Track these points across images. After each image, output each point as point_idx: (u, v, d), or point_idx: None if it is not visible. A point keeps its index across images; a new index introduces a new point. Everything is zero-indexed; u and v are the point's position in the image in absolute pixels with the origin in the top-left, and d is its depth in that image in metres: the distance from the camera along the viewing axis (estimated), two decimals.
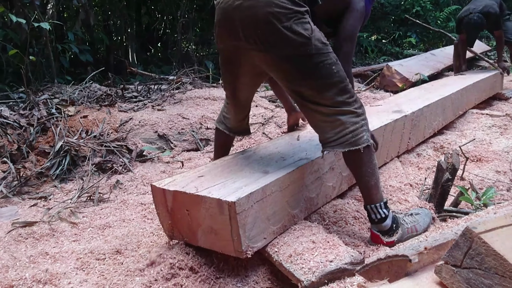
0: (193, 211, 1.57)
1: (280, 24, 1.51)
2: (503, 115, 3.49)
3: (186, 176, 1.76)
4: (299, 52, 1.54)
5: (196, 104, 3.62)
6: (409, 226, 1.71)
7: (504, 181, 2.52)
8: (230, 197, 1.45)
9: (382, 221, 1.65)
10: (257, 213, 1.53)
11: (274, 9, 1.50)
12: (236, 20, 1.57)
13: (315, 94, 1.60)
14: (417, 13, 9.06)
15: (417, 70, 5.67)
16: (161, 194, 1.66)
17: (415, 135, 2.79)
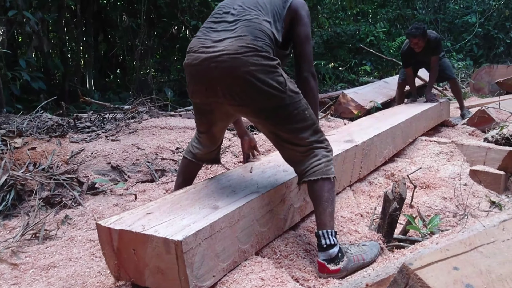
0: (140, 251, 1.53)
1: (257, 81, 1.65)
2: (449, 142, 3.66)
3: (134, 213, 1.72)
4: (275, 103, 1.70)
5: (152, 133, 3.58)
6: (354, 255, 1.77)
7: (450, 207, 2.62)
8: (176, 236, 1.43)
9: (330, 248, 1.71)
10: (206, 250, 1.51)
11: (250, 68, 1.63)
12: (214, 80, 1.68)
13: (291, 136, 1.78)
14: (371, 43, 9.51)
15: (372, 98, 5.90)
16: (107, 233, 1.60)
17: (366, 164, 2.87)
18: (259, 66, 1.64)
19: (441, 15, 12.00)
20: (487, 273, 1.11)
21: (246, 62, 1.62)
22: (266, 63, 1.66)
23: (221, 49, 1.65)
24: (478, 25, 11.11)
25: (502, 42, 11.13)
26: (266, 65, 1.66)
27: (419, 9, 12.36)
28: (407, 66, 4.88)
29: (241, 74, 1.63)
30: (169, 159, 3.27)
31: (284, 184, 1.99)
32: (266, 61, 1.66)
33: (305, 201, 2.15)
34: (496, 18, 11.50)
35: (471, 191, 2.89)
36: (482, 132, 4.55)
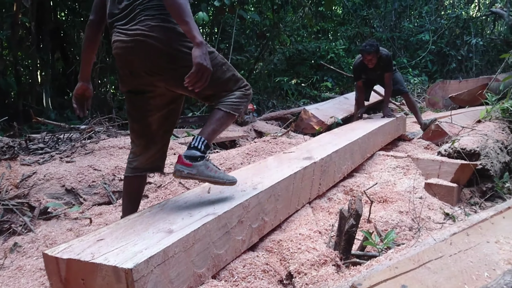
0: (89, 280, 1.46)
1: (172, 50, 1.83)
2: (405, 156, 3.78)
3: (84, 240, 1.65)
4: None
5: (109, 154, 3.48)
6: (212, 168, 1.95)
7: (406, 221, 2.69)
8: (127, 264, 1.38)
9: (195, 149, 1.91)
10: (158, 277, 1.47)
11: (162, 43, 1.82)
12: (135, 61, 1.87)
13: (216, 92, 1.99)
14: (332, 59, 9.79)
15: (332, 113, 6.04)
16: (54, 263, 1.53)
17: (325, 180, 2.91)
18: (168, 37, 1.84)
19: (397, 33, 12.55)
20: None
21: (156, 38, 1.82)
22: (172, 34, 1.85)
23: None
24: (431, 42, 11.69)
25: (454, 59, 11.74)
26: (177, 34, 1.85)
27: (377, 27, 12.87)
28: (358, 80, 5.08)
29: (157, 50, 1.84)
30: None
31: (241, 205, 1.97)
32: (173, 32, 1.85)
33: (264, 221, 2.15)
34: (448, 36, 12.14)
35: (426, 204, 2.97)
36: (436, 145, 4.73)
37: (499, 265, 1.45)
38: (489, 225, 1.81)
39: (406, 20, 13.32)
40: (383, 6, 13.42)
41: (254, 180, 2.35)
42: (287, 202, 2.40)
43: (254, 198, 2.09)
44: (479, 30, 12.75)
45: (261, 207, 2.14)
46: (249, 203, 2.04)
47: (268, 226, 2.19)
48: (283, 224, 2.36)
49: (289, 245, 2.03)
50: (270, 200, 2.23)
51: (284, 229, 2.31)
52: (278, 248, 2.04)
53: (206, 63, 1.75)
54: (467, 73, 11.46)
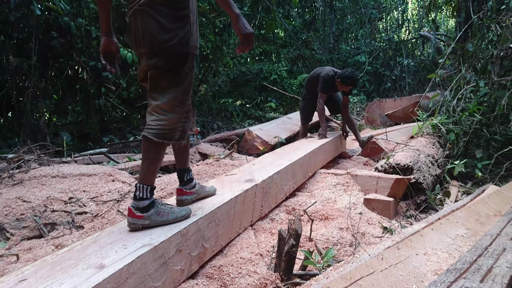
0: None
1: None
2: (345, 173, 3.90)
3: (4, 281, 1.52)
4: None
5: (41, 184, 3.27)
6: (162, 211, 2.02)
7: (347, 237, 2.75)
8: None
9: (142, 200, 1.98)
10: None
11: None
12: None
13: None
14: (275, 81, 10.01)
15: (276, 133, 6.14)
16: None
17: (267, 202, 2.92)
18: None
19: (335, 55, 13.16)
20: None
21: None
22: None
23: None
24: (367, 63, 12.37)
25: (389, 79, 12.48)
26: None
27: (317, 49, 13.42)
28: (325, 92, 5.05)
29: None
30: (61, 210, 3.00)
31: (179, 233, 1.92)
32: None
33: (204, 248, 2.10)
34: (382, 58, 12.91)
35: (366, 219, 3.07)
36: (374, 161, 4.95)
37: (427, 276, 1.52)
38: (418, 238, 1.90)
39: (344, 42, 14.03)
40: (321, 29, 14.07)
41: (194, 206, 2.30)
42: (228, 227, 2.38)
43: (193, 225, 2.04)
44: (410, 51, 13.72)
45: (201, 233, 2.10)
46: (188, 230, 1.99)
47: (208, 252, 2.15)
48: (224, 248, 2.32)
49: (230, 270, 2.00)
50: (210, 225, 2.19)
51: (225, 253, 2.27)
52: (218, 274, 2.00)
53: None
54: (401, 91, 12.21)
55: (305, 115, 5.53)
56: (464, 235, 2.12)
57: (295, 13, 13.34)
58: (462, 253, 1.82)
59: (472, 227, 2.27)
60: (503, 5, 5.29)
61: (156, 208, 2.01)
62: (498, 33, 5.36)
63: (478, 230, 2.25)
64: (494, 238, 1.90)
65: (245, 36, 2.09)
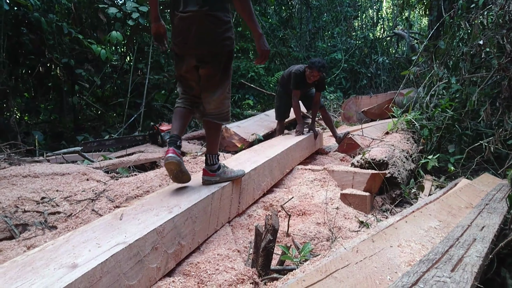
0: None
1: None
2: (322, 169, 3.94)
3: None
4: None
5: (11, 183, 3.17)
6: (228, 171, 2.77)
7: (324, 232, 2.78)
8: None
9: (212, 165, 2.68)
10: None
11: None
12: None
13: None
14: (252, 78, 10.00)
15: (254, 131, 6.14)
16: None
17: (244, 198, 2.92)
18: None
19: (312, 53, 13.26)
20: None
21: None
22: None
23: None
24: (344, 61, 12.51)
25: (365, 76, 12.66)
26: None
27: (294, 47, 13.48)
28: (298, 89, 5.04)
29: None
30: (33, 211, 2.91)
31: (155, 230, 1.89)
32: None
33: (181, 245, 2.08)
34: (358, 55, 13.09)
35: (342, 214, 3.11)
36: (351, 157, 5.01)
37: (400, 267, 1.54)
38: (393, 230, 1.93)
39: (320, 40, 14.14)
40: (298, 27, 14.14)
41: (170, 203, 2.27)
42: (205, 224, 2.36)
43: (169, 222, 2.02)
44: (385, 49, 13.95)
45: (177, 231, 2.08)
46: (164, 228, 1.96)
47: (185, 250, 2.13)
48: (201, 246, 2.31)
49: (207, 267, 1.99)
50: (187, 222, 2.17)
51: (202, 250, 2.26)
52: (196, 271, 1.98)
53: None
54: (377, 88, 12.41)
55: (280, 112, 5.54)
56: (437, 227, 2.17)
57: (271, 10, 13.35)
58: (435, 244, 1.86)
59: (444, 219, 2.33)
60: (472, 3, 5.44)
61: (223, 169, 2.72)
62: (468, 31, 5.52)
63: (450, 222, 2.31)
64: (465, 229, 1.95)
65: (263, 52, 2.59)
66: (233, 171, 2.79)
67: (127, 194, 3.16)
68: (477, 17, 5.12)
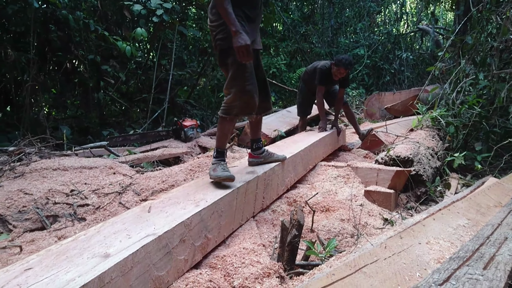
0: None
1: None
2: (346, 165, 3.91)
3: (10, 270, 1.52)
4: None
5: (42, 176, 3.27)
6: (271, 153, 3.14)
7: (348, 228, 2.77)
8: None
9: (258, 149, 3.10)
10: None
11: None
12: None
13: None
14: (274, 74, 9.98)
15: (276, 127, 6.14)
16: None
17: (269, 194, 2.93)
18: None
19: (334, 49, 13.12)
20: None
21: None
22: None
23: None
24: (366, 57, 12.34)
25: (388, 72, 12.46)
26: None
27: (315, 43, 13.38)
28: (322, 85, 5.03)
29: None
30: (63, 203, 3.00)
31: (183, 223, 1.93)
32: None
33: (207, 238, 2.11)
34: (381, 51, 12.88)
35: (367, 211, 3.09)
36: (374, 154, 4.96)
37: (430, 264, 1.53)
38: (420, 228, 1.91)
39: (342, 36, 13.98)
40: (320, 23, 14.01)
41: (196, 197, 2.31)
42: (230, 218, 2.39)
43: (196, 215, 2.05)
44: (409, 45, 13.69)
45: (204, 224, 2.11)
46: (191, 221, 2.00)
47: (211, 243, 2.16)
48: (227, 239, 2.33)
49: (233, 260, 2.01)
50: (213, 216, 2.20)
51: (228, 244, 2.28)
52: (222, 264, 2.01)
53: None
54: (400, 85, 12.20)
55: (302, 109, 5.52)
56: (466, 225, 2.13)
57: (293, 6, 13.27)
58: (464, 242, 1.84)
59: (473, 218, 2.29)
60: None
61: (266, 152, 3.10)
62: (497, 26, 5.36)
63: (479, 221, 2.26)
64: (495, 228, 1.91)
65: (237, 48, 2.50)
66: (277, 155, 3.17)
67: (152, 188, 3.23)
68: (508, 10, 4.96)
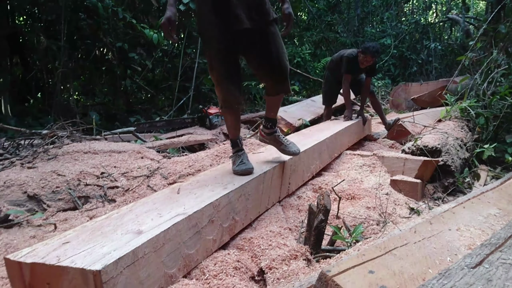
0: (55, 284, 1.41)
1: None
2: (371, 154, 3.88)
3: (49, 244, 1.59)
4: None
5: (74, 159, 3.38)
6: (280, 137, 2.81)
7: (374, 216, 2.76)
8: (95, 265, 1.35)
9: (272, 128, 2.80)
10: (128, 278, 1.44)
11: None
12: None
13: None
14: (298, 64, 9.91)
15: (300, 116, 6.12)
16: (17, 268, 1.47)
17: (294, 179, 2.94)
18: None
19: (360, 38, 12.90)
20: (400, 274, 1.18)
21: None
22: None
23: None
24: (393, 47, 12.09)
25: (415, 63, 12.19)
26: None
27: (341, 32, 13.18)
28: (349, 73, 4.99)
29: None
30: (94, 184, 3.10)
31: (212, 204, 1.96)
32: None
33: (235, 220, 2.15)
34: (408, 41, 12.59)
35: (392, 200, 3.06)
36: (400, 144, 4.89)
37: (460, 250, 1.52)
38: (450, 215, 1.89)
39: (369, 25, 13.73)
40: (346, 12, 13.78)
41: (224, 180, 2.34)
42: (257, 201, 2.42)
43: (225, 197, 2.08)
44: (438, 35, 13.32)
45: (232, 206, 2.14)
46: (220, 202, 2.03)
47: (239, 225, 2.20)
48: (253, 222, 2.37)
49: (260, 242, 2.04)
50: (240, 199, 2.23)
51: (254, 227, 2.32)
52: (249, 245, 2.04)
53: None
54: (428, 76, 11.92)
55: (327, 97, 5.48)
56: (497, 214, 2.09)
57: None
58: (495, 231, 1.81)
59: (504, 208, 2.24)
60: None
61: (278, 136, 2.81)
62: None
63: (511, 211, 2.22)
64: None
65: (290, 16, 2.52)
66: (291, 145, 2.83)
67: (179, 172, 3.29)
68: None
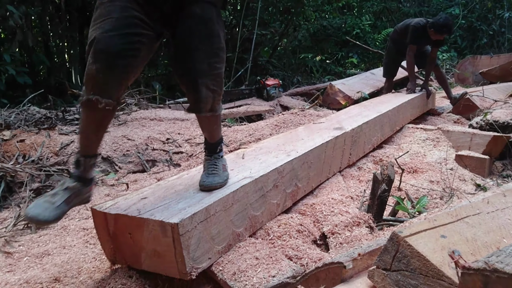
0: (136, 235, 1.55)
1: None
2: (435, 129, 3.74)
3: (129, 198, 1.73)
4: None
5: (141, 125, 3.58)
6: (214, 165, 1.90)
7: (437, 190, 2.69)
8: (173, 219, 1.45)
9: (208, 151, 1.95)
10: (201, 233, 1.54)
11: None
12: None
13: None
14: (357, 35, 9.59)
15: (359, 89, 5.98)
16: (102, 218, 1.62)
17: (355, 151, 2.93)
18: None
19: (425, 8, 12.15)
20: (473, 240, 1.16)
21: None
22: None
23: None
24: (461, 17, 11.27)
25: (485, 34, 11.32)
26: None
27: (404, 2, 12.48)
28: (415, 44, 4.74)
29: None
30: (160, 149, 3.28)
31: (276, 170, 2.02)
32: None
33: (297, 186, 2.19)
34: (479, 10, 11.67)
35: (457, 175, 2.96)
36: (466, 119, 4.65)
37: None
38: None
39: None
40: None
41: (287, 147, 2.39)
42: (319, 170, 2.44)
43: (288, 164, 2.13)
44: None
45: (295, 173, 2.19)
46: (284, 168, 2.08)
47: (301, 191, 2.24)
48: (315, 190, 2.40)
49: (322, 208, 2.08)
50: (303, 167, 2.27)
51: (316, 195, 2.35)
52: (311, 211, 2.09)
53: None
54: (499, 48, 11.05)
55: (388, 69, 5.28)
56: None
57: None
58: None
59: None
60: None
61: (213, 159, 1.96)
62: None
63: None
64: None
65: None
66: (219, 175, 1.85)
67: (240, 140, 3.38)
68: None
